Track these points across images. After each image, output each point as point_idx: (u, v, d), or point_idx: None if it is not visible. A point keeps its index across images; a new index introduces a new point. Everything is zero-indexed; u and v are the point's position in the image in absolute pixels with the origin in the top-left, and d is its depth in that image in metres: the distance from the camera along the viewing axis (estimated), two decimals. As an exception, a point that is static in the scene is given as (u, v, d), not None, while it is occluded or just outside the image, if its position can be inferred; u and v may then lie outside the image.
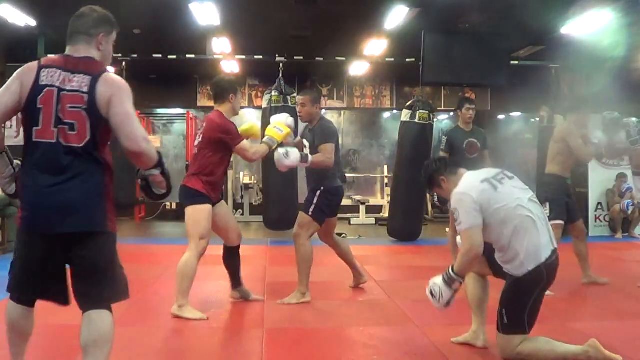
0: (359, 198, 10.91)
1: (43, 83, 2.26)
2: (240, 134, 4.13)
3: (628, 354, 3.02)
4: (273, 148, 4.09)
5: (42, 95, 2.25)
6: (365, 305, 4.42)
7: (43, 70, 2.29)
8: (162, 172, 2.45)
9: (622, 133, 4.92)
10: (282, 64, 8.00)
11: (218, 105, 4.16)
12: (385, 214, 10.07)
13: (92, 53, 2.37)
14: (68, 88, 2.25)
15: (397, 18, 7.11)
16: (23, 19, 7.01)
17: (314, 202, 4.36)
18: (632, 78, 8.74)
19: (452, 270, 3.00)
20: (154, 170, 2.42)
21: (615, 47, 7.24)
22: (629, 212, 8.44)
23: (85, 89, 2.25)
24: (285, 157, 4.11)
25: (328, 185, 4.40)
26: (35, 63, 2.34)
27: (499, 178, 3.05)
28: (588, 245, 5.09)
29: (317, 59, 8.76)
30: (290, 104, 7.82)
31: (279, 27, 7.93)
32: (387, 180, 11.36)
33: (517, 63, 8.57)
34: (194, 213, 3.97)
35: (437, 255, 6.20)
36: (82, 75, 2.26)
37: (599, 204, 8.82)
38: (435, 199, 5.41)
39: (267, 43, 8.36)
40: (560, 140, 4.80)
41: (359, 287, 4.86)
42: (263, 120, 7.83)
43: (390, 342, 3.55)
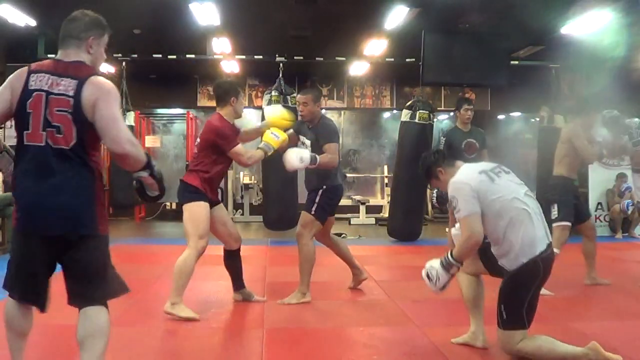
0: (359, 198, 10.91)
1: (32, 87, 2.30)
2: (263, 130, 4.17)
3: (628, 354, 3.02)
4: (269, 154, 4.10)
5: (31, 100, 2.29)
6: (365, 305, 4.43)
7: (32, 75, 2.33)
8: (151, 174, 2.46)
9: (623, 133, 4.93)
10: (282, 64, 8.01)
11: (219, 108, 4.16)
12: (385, 214, 10.08)
13: (82, 57, 2.40)
14: (55, 92, 2.28)
15: (397, 18, 7.11)
16: (23, 19, 7.00)
17: (317, 200, 4.36)
18: (632, 78, 8.74)
19: (450, 255, 3.01)
20: (143, 172, 2.43)
21: (615, 47, 7.24)
22: (629, 212, 8.44)
23: (71, 93, 2.28)
24: (300, 161, 4.12)
25: (330, 184, 4.40)
26: (25, 68, 2.38)
27: (496, 171, 3.08)
28: (590, 245, 5.08)
29: (317, 59, 8.77)
30: (290, 104, 7.81)
31: (279, 27, 7.92)
32: (387, 180, 11.36)
33: (517, 63, 8.57)
34: (192, 212, 3.97)
35: (437, 255, 6.14)
36: (69, 79, 2.30)
37: (599, 204, 8.82)
38: (434, 200, 5.40)
39: (267, 43, 8.36)
40: (567, 141, 4.81)
41: (359, 287, 4.84)
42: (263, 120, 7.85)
43: (390, 342, 3.55)
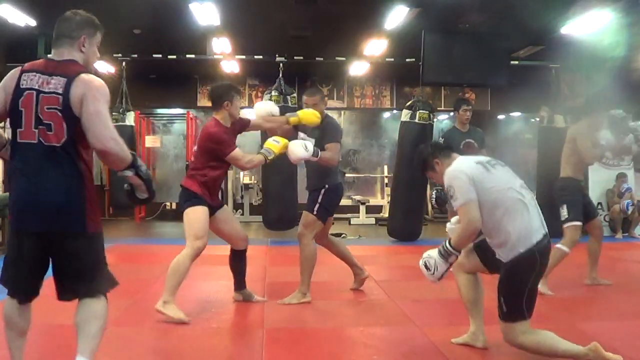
0: (359, 198, 10.91)
1: (23, 86, 2.35)
2: (292, 120, 4.17)
3: (628, 354, 3.02)
4: (269, 159, 4.09)
5: (23, 98, 2.34)
6: (365, 305, 4.43)
7: (24, 75, 2.37)
8: (136, 173, 2.45)
9: (627, 133, 4.93)
10: (282, 64, 8.00)
11: (215, 112, 4.13)
12: (385, 214, 10.07)
13: (74, 55, 2.44)
14: (46, 90, 2.32)
15: (397, 18, 7.10)
16: (23, 19, 7.00)
17: (319, 200, 4.36)
18: (632, 78, 8.74)
19: (448, 244, 3.01)
20: (127, 171, 2.43)
21: (615, 47, 7.23)
22: (629, 212, 8.45)
23: (60, 90, 2.32)
24: (305, 149, 4.13)
25: (332, 183, 4.41)
26: (19, 68, 2.42)
27: (492, 163, 3.12)
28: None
29: (317, 59, 8.77)
30: (290, 104, 7.82)
31: (279, 27, 7.92)
32: (387, 180, 11.36)
33: (517, 63, 8.57)
34: (190, 215, 3.97)
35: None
36: (58, 77, 2.34)
37: (599, 204, 8.81)
38: (434, 201, 5.40)
39: (267, 43, 8.35)
40: (572, 142, 4.82)
41: (360, 287, 4.80)
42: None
43: (390, 342, 3.55)
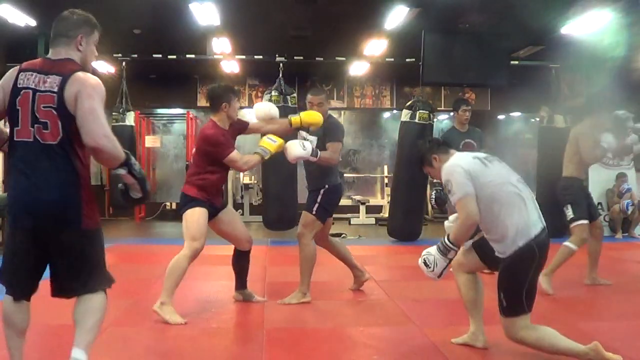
0: (359, 198, 10.91)
1: (20, 85, 2.37)
2: (294, 122, 4.15)
3: (628, 354, 3.01)
4: (266, 158, 4.07)
5: (20, 97, 2.37)
6: (365, 305, 4.42)
7: (21, 74, 2.40)
8: (129, 172, 2.46)
9: (630, 134, 4.93)
10: (282, 64, 8.00)
11: (213, 115, 4.11)
12: (385, 214, 10.08)
13: (71, 54, 2.46)
14: (42, 89, 2.35)
15: (397, 18, 7.11)
16: (23, 19, 7.00)
17: (318, 200, 4.35)
18: (632, 78, 8.74)
19: (447, 240, 3.01)
20: (121, 170, 2.44)
21: (615, 47, 7.24)
22: (629, 212, 8.45)
23: (55, 89, 2.34)
24: (303, 148, 4.12)
25: (332, 183, 4.40)
26: (17, 68, 2.45)
27: (490, 159, 3.14)
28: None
29: (317, 59, 8.77)
30: (290, 104, 7.82)
31: (279, 27, 7.92)
32: (387, 180, 11.36)
33: (517, 63, 8.57)
34: (188, 216, 3.97)
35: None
36: (54, 76, 2.36)
37: (599, 204, 8.79)
38: (433, 201, 5.40)
39: (267, 43, 8.36)
40: (575, 141, 4.82)
41: (360, 288, 4.79)
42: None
43: (390, 342, 3.55)
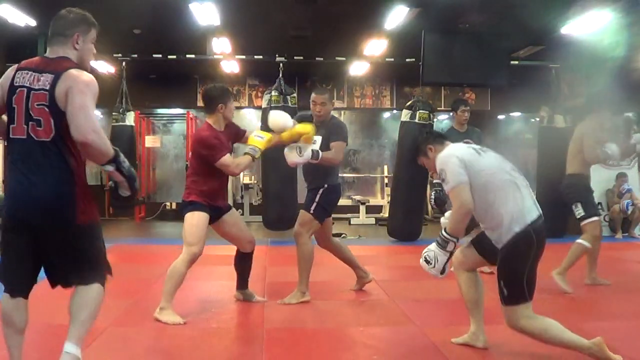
0: (359, 198, 10.91)
1: (16, 84, 2.42)
2: (292, 134, 4.12)
3: (628, 354, 3.02)
4: (256, 157, 4.02)
5: (15, 96, 2.41)
6: (365, 306, 4.42)
7: (18, 73, 2.44)
8: (117, 168, 2.47)
9: (635, 134, 4.94)
10: (282, 64, 8.00)
11: (208, 116, 4.06)
12: (385, 214, 10.07)
13: (67, 53, 2.49)
14: (36, 87, 2.39)
15: (397, 18, 7.11)
16: (23, 19, 7.00)
17: (316, 200, 4.34)
18: (632, 78, 8.73)
19: (444, 232, 3.01)
20: (108, 166, 2.46)
21: (615, 47, 7.24)
22: (629, 212, 8.45)
23: (48, 87, 2.38)
24: (299, 154, 4.11)
25: (331, 183, 4.40)
26: (15, 66, 2.49)
27: (484, 150, 3.20)
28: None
29: (317, 59, 8.77)
30: (290, 104, 7.81)
31: (279, 27, 7.92)
32: (387, 180, 11.37)
33: (517, 63, 8.57)
34: (187, 220, 3.94)
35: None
36: (47, 74, 2.40)
37: (599, 204, 8.79)
38: (433, 201, 5.40)
39: (267, 43, 8.36)
40: (579, 139, 4.81)
41: (362, 288, 4.78)
42: (263, 120, 7.83)
43: (390, 342, 3.55)
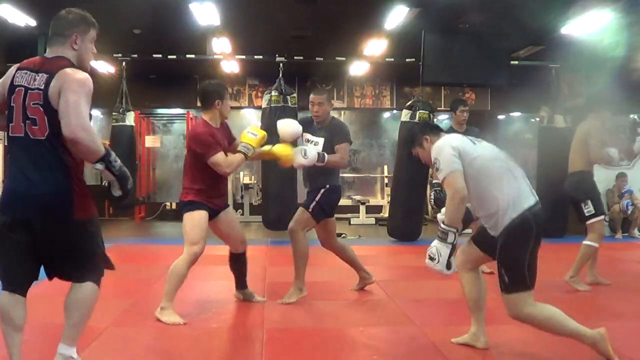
0: (359, 198, 10.91)
1: (16, 84, 2.47)
2: (270, 152, 4.10)
3: (628, 354, 3.02)
4: (249, 155, 3.96)
5: (14, 95, 2.47)
6: (365, 306, 4.42)
7: (18, 72, 2.49)
8: (107, 167, 2.48)
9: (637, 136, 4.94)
10: (282, 64, 8.00)
11: (204, 112, 4.03)
12: (385, 214, 10.08)
13: (66, 53, 2.53)
14: (32, 87, 2.44)
15: (397, 18, 7.11)
16: (23, 19, 7.00)
17: (317, 199, 4.34)
18: (632, 78, 8.73)
19: (443, 223, 3.01)
20: (98, 164, 2.47)
21: (615, 47, 7.24)
22: (629, 212, 8.45)
23: (42, 86, 2.42)
24: (304, 156, 4.11)
25: (332, 184, 4.39)
26: (16, 66, 2.53)
27: (479, 140, 3.24)
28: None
29: (317, 59, 8.77)
30: (290, 104, 7.81)
31: (279, 27, 7.93)
32: (387, 180, 11.36)
33: (517, 63, 8.58)
34: (187, 219, 3.91)
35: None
36: (43, 74, 2.44)
37: (599, 204, 8.82)
38: (432, 201, 5.40)
39: (267, 43, 8.36)
40: (584, 138, 4.81)
41: (363, 288, 4.78)
42: (263, 120, 7.83)
43: (390, 342, 3.55)
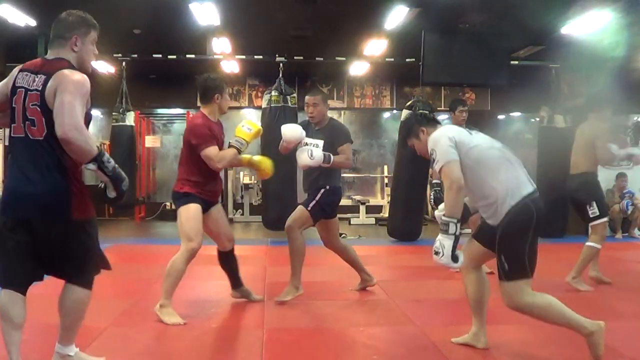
0: (359, 198, 10.91)
1: (17, 85, 2.51)
2: (251, 161, 4.09)
3: (628, 354, 3.02)
4: (242, 150, 3.92)
5: (15, 96, 2.50)
6: (365, 305, 4.42)
7: (19, 74, 2.53)
8: (99, 167, 2.49)
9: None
10: (282, 64, 8.00)
11: (203, 106, 4.02)
12: (385, 214, 10.08)
13: (66, 55, 2.55)
14: (31, 88, 2.47)
15: (397, 18, 7.11)
16: (23, 19, 7.00)
17: (317, 198, 4.34)
18: (632, 78, 8.74)
19: (443, 216, 3.00)
20: (90, 165, 2.48)
21: (615, 47, 7.24)
22: (629, 212, 8.46)
23: (40, 87, 2.44)
24: (310, 157, 4.13)
25: (332, 184, 4.40)
26: (19, 67, 2.56)
27: (475, 131, 3.25)
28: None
29: (317, 59, 8.77)
30: (290, 104, 7.81)
31: (279, 27, 7.93)
32: (387, 180, 11.37)
33: (517, 63, 8.58)
34: (181, 215, 3.89)
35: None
36: (41, 75, 2.47)
37: (599, 204, 8.81)
38: (432, 201, 5.41)
39: (267, 43, 8.36)
40: (589, 138, 4.79)
41: (364, 289, 4.77)
42: (263, 120, 7.83)
43: (390, 342, 3.55)
